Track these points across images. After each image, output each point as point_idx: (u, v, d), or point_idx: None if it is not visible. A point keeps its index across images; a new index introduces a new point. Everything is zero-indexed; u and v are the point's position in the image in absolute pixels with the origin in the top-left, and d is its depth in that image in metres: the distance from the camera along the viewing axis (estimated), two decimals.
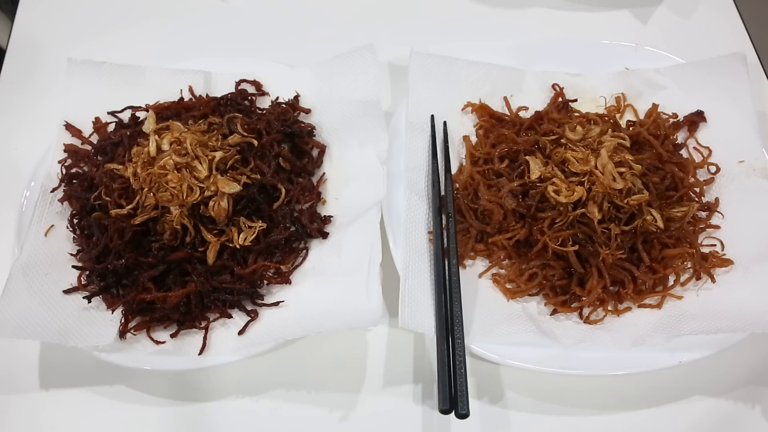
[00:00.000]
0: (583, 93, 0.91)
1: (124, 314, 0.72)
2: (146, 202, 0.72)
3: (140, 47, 1.04)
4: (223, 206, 0.73)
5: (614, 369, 0.68)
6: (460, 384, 0.62)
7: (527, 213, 0.76)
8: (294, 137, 0.84)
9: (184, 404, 0.72)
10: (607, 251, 0.72)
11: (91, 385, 0.73)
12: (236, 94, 0.89)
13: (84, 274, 0.75)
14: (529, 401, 0.72)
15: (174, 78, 0.90)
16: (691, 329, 0.69)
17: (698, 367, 0.68)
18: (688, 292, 0.74)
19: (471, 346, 0.68)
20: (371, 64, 0.87)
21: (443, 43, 0.93)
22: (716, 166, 0.82)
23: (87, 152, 0.84)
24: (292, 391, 0.73)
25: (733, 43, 1.01)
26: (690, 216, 0.77)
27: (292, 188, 0.80)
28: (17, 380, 0.74)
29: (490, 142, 0.85)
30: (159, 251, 0.72)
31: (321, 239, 0.78)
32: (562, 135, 0.79)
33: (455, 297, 0.69)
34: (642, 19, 1.06)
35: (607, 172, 0.73)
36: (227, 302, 0.73)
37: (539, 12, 1.08)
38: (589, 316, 0.73)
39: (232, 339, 0.71)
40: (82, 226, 0.77)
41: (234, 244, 0.74)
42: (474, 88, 0.90)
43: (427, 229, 0.78)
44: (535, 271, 0.75)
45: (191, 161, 0.73)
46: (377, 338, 0.76)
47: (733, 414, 0.71)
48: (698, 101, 0.87)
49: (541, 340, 0.70)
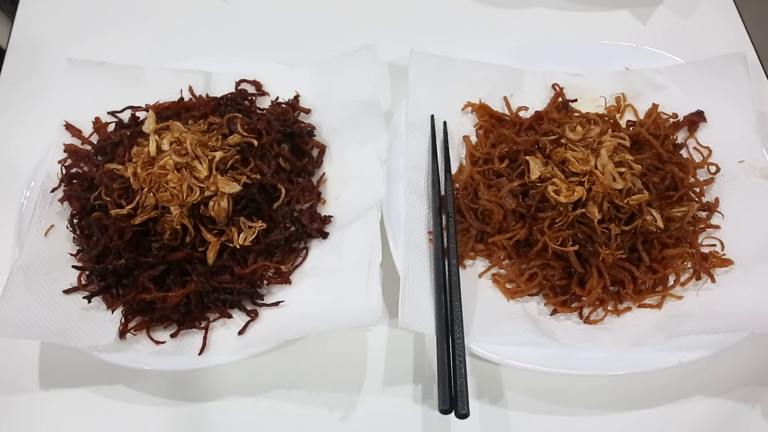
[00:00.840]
0: (583, 93, 0.91)
1: (124, 314, 0.72)
2: (146, 202, 0.72)
3: (140, 47, 1.04)
4: (223, 206, 0.73)
5: (614, 369, 0.68)
6: (460, 384, 0.62)
7: (527, 213, 0.76)
8: (294, 137, 0.84)
9: (184, 404, 0.72)
10: (607, 251, 0.72)
11: (91, 385, 0.73)
12: (236, 94, 0.89)
13: (84, 274, 0.75)
14: (529, 401, 0.72)
15: (174, 78, 0.90)
16: (691, 329, 0.69)
17: (698, 367, 0.68)
18: (688, 292, 0.74)
19: (471, 346, 0.68)
20: (371, 64, 0.87)
21: (443, 43, 0.93)
22: (716, 166, 0.82)
23: (87, 152, 0.84)
24: (292, 390, 0.73)
25: (733, 43, 1.01)
26: (690, 216, 0.77)
27: (292, 188, 0.80)
28: (17, 380, 0.74)
29: (490, 142, 0.85)
30: (159, 251, 0.72)
31: (321, 239, 0.78)
32: (562, 135, 0.79)
33: (455, 297, 0.69)
34: (642, 19, 1.06)
35: (607, 172, 0.73)
36: (227, 302, 0.73)
37: (539, 12, 1.08)
38: (589, 316, 0.73)
39: (232, 339, 0.71)
40: (82, 226, 0.77)
41: (234, 244, 0.74)
42: (474, 88, 0.90)
43: (427, 229, 0.78)
44: (535, 271, 0.75)
45: (191, 161, 0.73)
46: (377, 338, 0.76)
47: (733, 414, 0.71)
48: (698, 101, 0.87)
49: (541, 340, 0.70)
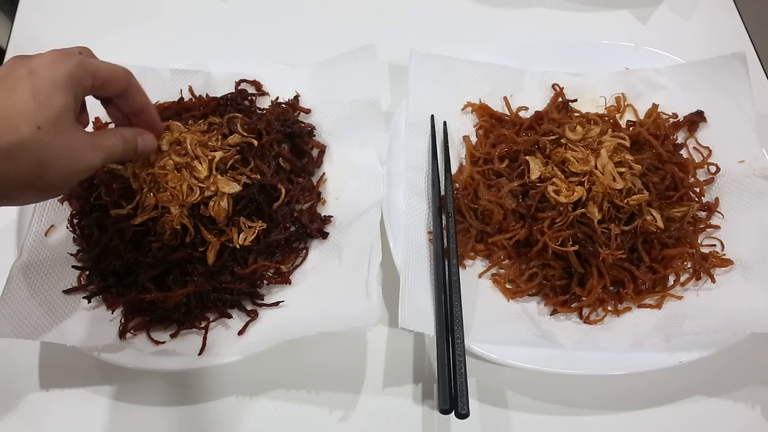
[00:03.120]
0: (583, 93, 0.91)
1: (124, 314, 0.72)
2: (146, 202, 0.72)
3: (140, 48, 1.04)
4: (223, 206, 0.73)
5: (614, 369, 0.68)
6: (460, 384, 0.62)
7: (527, 213, 0.76)
8: (294, 137, 0.84)
9: (184, 404, 0.73)
10: (607, 251, 0.72)
11: (91, 385, 0.73)
12: (236, 94, 0.89)
13: (84, 274, 0.75)
14: (529, 401, 0.72)
15: (174, 78, 0.90)
16: (691, 329, 0.69)
17: (698, 367, 0.68)
18: (688, 293, 0.74)
19: (471, 346, 0.68)
20: (371, 64, 0.87)
21: (443, 43, 0.93)
22: (716, 166, 0.82)
23: None
24: (292, 391, 0.73)
25: (733, 43, 1.01)
26: (690, 216, 0.77)
27: (292, 188, 0.80)
28: (17, 380, 0.74)
29: (490, 142, 0.85)
30: (159, 251, 0.72)
31: (321, 239, 0.78)
32: (562, 135, 0.79)
33: (455, 297, 0.69)
34: (642, 19, 1.06)
35: (607, 172, 0.73)
36: (227, 302, 0.73)
37: (539, 12, 1.08)
38: (589, 316, 0.73)
39: (232, 339, 0.71)
40: (82, 226, 0.77)
41: (234, 244, 0.74)
42: (474, 88, 0.90)
43: (427, 229, 0.78)
44: (535, 271, 0.75)
45: (191, 161, 0.73)
46: (377, 338, 0.76)
47: (733, 414, 0.71)
48: (698, 101, 0.87)
49: (541, 340, 0.70)
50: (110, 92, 0.62)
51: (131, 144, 0.65)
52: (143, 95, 0.65)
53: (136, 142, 0.65)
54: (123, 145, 0.63)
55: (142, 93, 0.65)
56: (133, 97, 0.64)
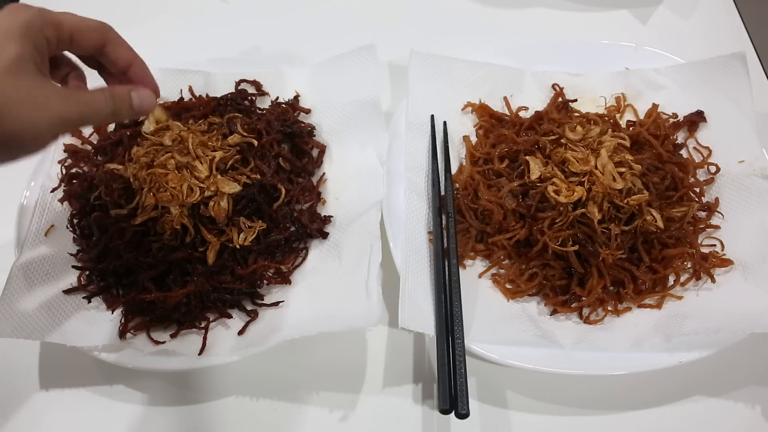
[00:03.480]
0: (583, 93, 0.91)
1: (124, 314, 0.72)
2: (146, 203, 0.72)
3: (140, 48, 1.01)
4: (223, 206, 0.73)
5: (614, 369, 0.67)
6: (460, 384, 0.62)
7: (527, 213, 0.76)
8: (294, 137, 0.84)
9: (184, 404, 0.72)
10: (607, 251, 0.72)
11: (91, 385, 0.73)
12: (236, 94, 0.89)
13: (84, 274, 0.75)
14: (529, 401, 0.72)
15: (174, 78, 0.90)
16: (691, 329, 0.69)
17: (698, 367, 0.68)
18: (688, 293, 0.74)
19: (471, 346, 0.68)
20: (371, 64, 0.87)
21: (443, 43, 0.93)
22: (716, 166, 0.82)
23: (87, 152, 0.84)
24: (292, 391, 0.73)
25: (733, 43, 1.01)
26: (690, 216, 0.77)
27: (292, 188, 0.80)
28: (17, 380, 0.74)
29: (490, 142, 0.85)
30: (159, 251, 0.72)
31: (321, 239, 0.78)
32: (562, 135, 0.79)
33: (455, 297, 0.69)
34: (642, 19, 1.06)
35: (607, 172, 0.73)
36: (227, 302, 0.73)
37: (539, 12, 1.08)
38: (589, 316, 0.73)
39: (232, 339, 0.71)
40: (82, 226, 0.77)
41: (234, 244, 0.74)
42: (474, 88, 0.90)
43: (427, 229, 0.78)
44: (535, 271, 0.75)
45: (191, 161, 0.73)
46: (377, 338, 0.76)
47: (733, 414, 0.71)
48: (698, 101, 0.87)
49: (541, 340, 0.70)
50: (85, 46, 0.57)
51: (124, 101, 0.58)
52: (127, 49, 0.60)
53: (130, 99, 0.58)
54: (113, 103, 0.56)
55: (125, 46, 0.60)
56: (115, 52, 0.59)
